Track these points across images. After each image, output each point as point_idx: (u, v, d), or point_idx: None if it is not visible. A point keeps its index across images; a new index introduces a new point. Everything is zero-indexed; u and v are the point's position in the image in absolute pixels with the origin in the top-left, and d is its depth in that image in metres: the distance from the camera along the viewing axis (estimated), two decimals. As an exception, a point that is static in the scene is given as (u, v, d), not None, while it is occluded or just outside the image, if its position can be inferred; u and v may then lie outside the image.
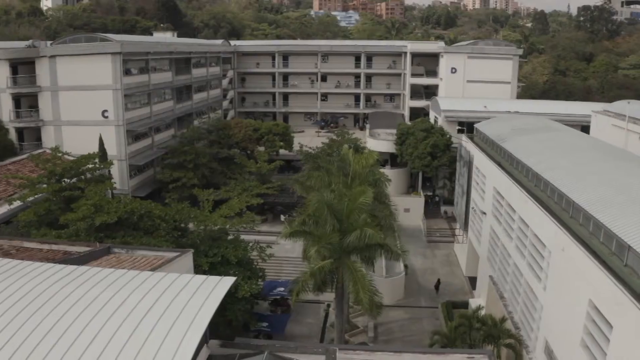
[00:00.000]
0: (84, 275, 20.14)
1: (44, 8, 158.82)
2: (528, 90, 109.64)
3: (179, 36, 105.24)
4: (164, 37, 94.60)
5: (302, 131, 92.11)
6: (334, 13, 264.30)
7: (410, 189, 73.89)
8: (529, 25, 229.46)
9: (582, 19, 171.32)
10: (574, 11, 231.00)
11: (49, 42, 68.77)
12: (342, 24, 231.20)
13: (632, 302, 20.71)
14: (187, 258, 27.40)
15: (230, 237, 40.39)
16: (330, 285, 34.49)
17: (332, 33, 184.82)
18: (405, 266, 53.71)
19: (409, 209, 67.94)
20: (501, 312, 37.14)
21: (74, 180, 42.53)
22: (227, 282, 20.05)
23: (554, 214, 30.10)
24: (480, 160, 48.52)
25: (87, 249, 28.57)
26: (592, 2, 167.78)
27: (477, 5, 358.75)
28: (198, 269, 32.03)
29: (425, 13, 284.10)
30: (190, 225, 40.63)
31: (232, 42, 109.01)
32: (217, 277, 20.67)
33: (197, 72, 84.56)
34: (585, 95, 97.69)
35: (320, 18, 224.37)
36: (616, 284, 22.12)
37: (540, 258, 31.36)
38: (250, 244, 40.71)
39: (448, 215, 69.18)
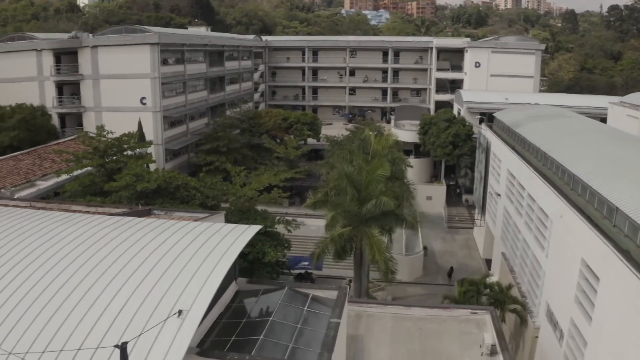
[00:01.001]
0: (130, 223, 23.25)
1: (81, 5, 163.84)
2: (553, 86, 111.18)
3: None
4: (199, 31, 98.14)
5: (331, 124, 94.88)
6: (364, 12, 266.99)
7: (433, 178, 76.47)
8: (559, 25, 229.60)
9: (611, 18, 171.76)
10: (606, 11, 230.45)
11: (89, 34, 72.56)
12: (373, 22, 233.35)
13: (616, 255, 23.27)
14: (220, 218, 30.50)
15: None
16: (350, 252, 37.40)
17: (362, 31, 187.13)
18: (425, 247, 56.40)
19: (431, 197, 70.54)
20: (514, 288, 39.70)
21: (115, 157, 45.98)
22: (254, 228, 22.74)
23: (555, 186, 32.72)
24: (497, 146, 51.05)
25: (130, 211, 31.82)
26: (622, 2, 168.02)
27: (509, 5, 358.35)
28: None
29: (456, 12, 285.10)
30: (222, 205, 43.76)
31: (264, 38, 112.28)
32: (245, 225, 23.37)
33: (230, 65, 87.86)
34: (609, 91, 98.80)
35: (351, 17, 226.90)
36: (604, 241, 24.68)
37: (544, 228, 33.98)
38: (278, 217, 43.67)
39: (469, 204, 71.48)
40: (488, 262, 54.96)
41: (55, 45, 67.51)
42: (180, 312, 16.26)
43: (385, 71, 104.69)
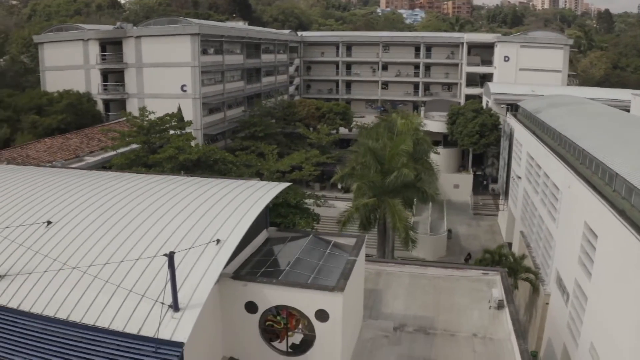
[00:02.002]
0: (175, 179, 26.44)
1: (122, 1, 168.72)
2: (584, 83, 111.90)
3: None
4: (237, 25, 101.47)
5: (363, 117, 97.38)
6: (400, 11, 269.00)
7: (461, 167, 78.64)
8: (595, 25, 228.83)
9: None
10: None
11: (133, 25, 76.33)
12: (408, 21, 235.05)
13: (612, 213, 25.65)
14: (255, 184, 33.41)
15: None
16: (374, 223, 40.10)
17: (397, 30, 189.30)
18: (449, 230, 58.87)
19: (459, 185, 73.00)
20: (529, 260, 42.05)
21: (158, 135, 49.37)
22: (283, 185, 25.61)
23: (565, 160, 35.09)
24: (519, 131, 53.31)
25: (173, 177, 34.97)
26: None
27: (546, 6, 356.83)
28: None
29: (491, 12, 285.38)
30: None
31: (299, 33, 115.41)
32: (276, 182, 26.26)
33: (266, 58, 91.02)
34: (638, 87, 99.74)
35: (386, 15, 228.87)
36: (603, 203, 27.04)
37: (555, 200, 36.35)
38: (308, 193, 46.61)
39: (495, 193, 73.55)
40: (510, 245, 57.02)
41: (101, 36, 71.44)
42: (218, 240, 19.18)
43: (417, 66, 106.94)
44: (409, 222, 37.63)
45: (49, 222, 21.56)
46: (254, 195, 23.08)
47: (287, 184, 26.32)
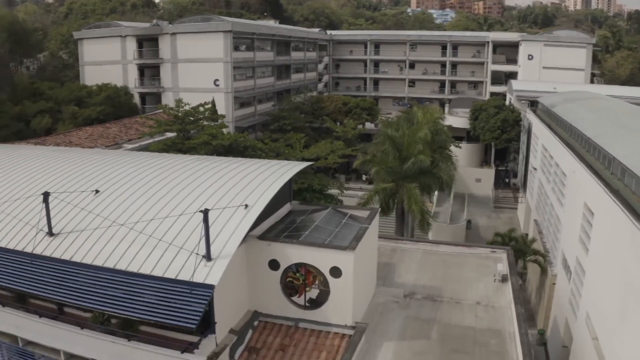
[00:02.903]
0: (207, 158, 29.41)
1: (157, 0, 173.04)
2: (610, 82, 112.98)
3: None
4: (268, 23, 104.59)
5: (390, 114, 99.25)
6: (430, 11, 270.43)
7: (484, 162, 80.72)
8: (627, 26, 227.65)
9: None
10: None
11: (169, 23, 79.79)
12: (438, 21, 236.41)
13: (605, 191, 27.92)
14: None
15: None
16: (392, 208, 42.66)
17: (426, 30, 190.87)
18: (469, 221, 61.08)
19: (480, 179, 75.07)
20: (539, 244, 44.31)
21: (192, 124, 52.51)
22: (305, 163, 28.39)
23: (571, 147, 37.34)
24: (536, 125, 55.47)
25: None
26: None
27: (579, 6, 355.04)
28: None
29: (522, 13, 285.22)
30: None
31: (328, 32, 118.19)
32: (299, 162, 29.02)
33: (296, 55, 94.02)
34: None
35: (416, 15, 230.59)
36: (600, 183, 29.31)
37: (562, 186, 38.58)
38: (332, 181, 49.39)
39: (516, 187, 75.56)
40: (527, 236, 59.18)
41: (138, 32, 75.00)
42: (246, 205, 21.97)
43: (443, 64, 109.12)
44: (425, 206, 40.01)
45: (97, 191, 24.58)
46: (278, 171, 25.88)
47: (309, 163, 29.08)
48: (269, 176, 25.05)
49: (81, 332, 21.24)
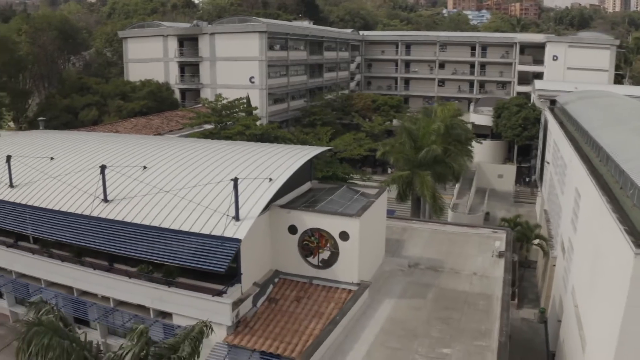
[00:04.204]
0: (239, 143, 33.71)
1: (196, 1, 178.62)
2: (638, 83, 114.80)
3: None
4: (301, 24, 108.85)
5: (419, 112, 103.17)
6: (466, 12, 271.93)
7: (506, 159, 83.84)
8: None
9: None
10: None
11: (208, 23, 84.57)
12: (473, 22, 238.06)
13: (587, 174, 31.28)
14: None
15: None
16: (409, 196, 46.48)
17: (461, 31, 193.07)
18: (487, 213, 64.46)
19: (502, 175, 78.28)
20: (545, 231, 47.70)
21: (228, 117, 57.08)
22: (324, 148, 32.60)
23: (572, 139, 40.78)
24: (550, 121, 58.72)
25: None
26: None
27: (617, 8, 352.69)
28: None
29: (559, 14, 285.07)
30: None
31: (361, 32, 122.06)
32: (319, 147, 33.14)
33: (328, 55, 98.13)
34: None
35: (451, 17, 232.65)
36: (585, 168, 32.72)
37: (564, 175, 42.02)
38: (357, 171, 53.41)
39: (534, 184, 78.43)
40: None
41: (179, 32, 79.93)
42: (270, 179, 26.12)
43: (473, 65, 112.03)
44: (437, 192, 43.68)
45: (144, 167, 28.99)
46: (300, 154, 30.10)
47: (328, 147, 33.18)
48: (291, 157, 29.23)
49: (129, 281, 25.64)
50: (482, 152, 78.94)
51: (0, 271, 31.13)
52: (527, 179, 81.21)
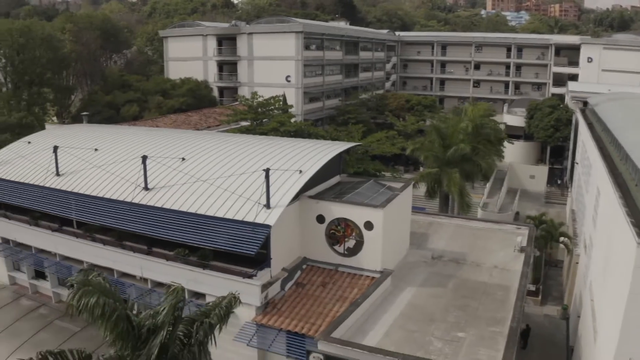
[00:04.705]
0: (272, 138, 35.52)
1: (235, 1, 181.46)
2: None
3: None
4: (337, 24, 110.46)
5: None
6: (505, 13, 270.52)
7: (539, 160, 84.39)
8: None
9: None
10: None
11: (246, 23, 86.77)
12: (512, 23, 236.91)
13: (606, 172, 32.30)
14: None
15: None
16: (437, 193, 47.80)
17: (500, 32, 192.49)
18: (517, 212, 65.34)
19: (534, 176, 78.95)
20: (570, 230, 48.60)
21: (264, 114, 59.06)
22: (353, 143, 34.25)
23: (597, 139, 41.69)
24: (580, 123, 59.34)
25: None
26: None
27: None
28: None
29: (599, 16, 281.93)
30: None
31: (397, 33, 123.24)
32: (349, 142, 34.77)
33: (364, 55, 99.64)
34: None
35: (490, 17, 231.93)
36: (606, 166, 33.72)
37: (589, 175, 42.93)
38: (388, 168, 54.87)
39: (565, 185, 78.78)
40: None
41: (218, 32, 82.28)
42: (300, 171, 27.82)
43: (508, 66, 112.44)
44: (465, 189, 44.95)
45: (183, 159, 30.92)
46: (329, 148, 31.86)
47: (357, 143, 34.73)
48: (321, 151, 30.94)
49: (166, 264, 27.55)
50: (515, 152, 79.64)
51: (44, 254, 33.53)
52: (559, 181, 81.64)
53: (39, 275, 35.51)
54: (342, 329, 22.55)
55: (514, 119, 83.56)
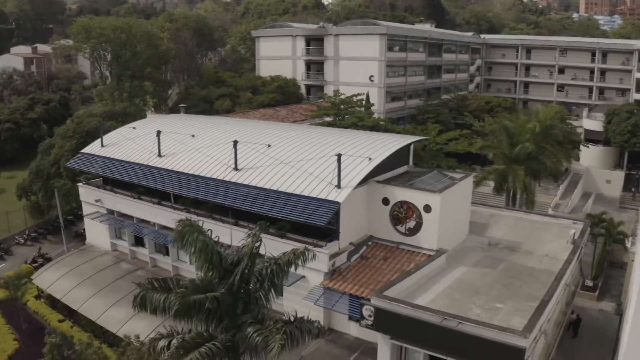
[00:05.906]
0: (347, 130, 39.74)
1: (326, 2, 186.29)
2: None
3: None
4: (422, 27, 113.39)
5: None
6: (598, 17, 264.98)
7: (617, 166, 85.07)
8: None
9: None
10: None
11: (333, 25, 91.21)
12: (604, 28, 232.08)
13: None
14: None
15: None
16: (503, 189, 50.73)
17: (590, 37, 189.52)
18: (588, 215, 67.03)
19: (610, 181, 79.89)
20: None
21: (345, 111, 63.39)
22: (420, 137, 38.08)
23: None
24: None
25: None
26: None
27: None
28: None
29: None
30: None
31: (482, 35, 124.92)
32: (417, 137, 38.61)
33: (447, 57, 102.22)
34: None
35: (581, 21, 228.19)
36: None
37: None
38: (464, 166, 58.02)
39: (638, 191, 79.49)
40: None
41: (307, 33, 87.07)
42: (370, 158, 31.94)
43: (592, 71, 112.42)
44: (531, 187, 47.78)
45: (269, 145, 35.60)
46: (397, 140, 35.96)
47: (424, 137, 38.48)
48: (390, 143, 35.03)
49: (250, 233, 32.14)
50: (592, 157, 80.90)
51: (144, 223, 39.21)
52: (633, 188, 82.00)
53: (138, 242, 41.37)
54: (394, 291, 26.30)
55: (593, 123, 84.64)
